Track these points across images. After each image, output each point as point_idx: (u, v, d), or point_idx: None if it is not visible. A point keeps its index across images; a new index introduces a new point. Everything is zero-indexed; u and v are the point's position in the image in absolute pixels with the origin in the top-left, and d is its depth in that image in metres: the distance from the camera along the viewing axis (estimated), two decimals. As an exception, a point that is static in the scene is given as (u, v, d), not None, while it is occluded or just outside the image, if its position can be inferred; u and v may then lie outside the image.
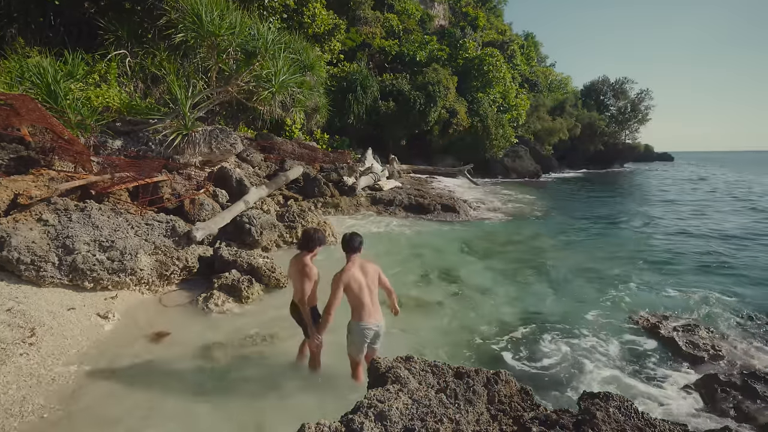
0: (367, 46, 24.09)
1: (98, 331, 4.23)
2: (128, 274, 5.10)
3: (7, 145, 6.27)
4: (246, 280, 5.41)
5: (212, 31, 8.86)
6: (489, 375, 2.85)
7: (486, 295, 6.26)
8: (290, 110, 11.70)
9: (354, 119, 20.47)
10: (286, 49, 10.40)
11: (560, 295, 6.47)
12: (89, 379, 3.58)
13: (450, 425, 2.35)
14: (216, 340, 4.37)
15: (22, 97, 6.24)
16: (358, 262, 3.54)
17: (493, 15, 42.74)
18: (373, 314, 3.46)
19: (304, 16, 16.30)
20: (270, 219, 7.61)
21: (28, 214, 5.21)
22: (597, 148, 44.58)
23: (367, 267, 3.55)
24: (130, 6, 10.85)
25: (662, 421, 2.47)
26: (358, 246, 3.54)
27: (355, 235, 3.58)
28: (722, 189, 24.66)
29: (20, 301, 4.20)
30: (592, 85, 48.63)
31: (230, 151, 9.56)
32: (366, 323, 3.43)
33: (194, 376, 3.78)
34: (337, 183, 12.41)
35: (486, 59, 27.27)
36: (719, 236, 11.14)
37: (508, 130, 26.45)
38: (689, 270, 7.98)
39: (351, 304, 3.45)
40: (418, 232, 10.13)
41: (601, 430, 2.39)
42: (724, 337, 5.09)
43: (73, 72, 8.56)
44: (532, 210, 15.09)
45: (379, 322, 3.51)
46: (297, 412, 3.32)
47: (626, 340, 5.04)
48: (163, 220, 6.01)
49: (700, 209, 16.22)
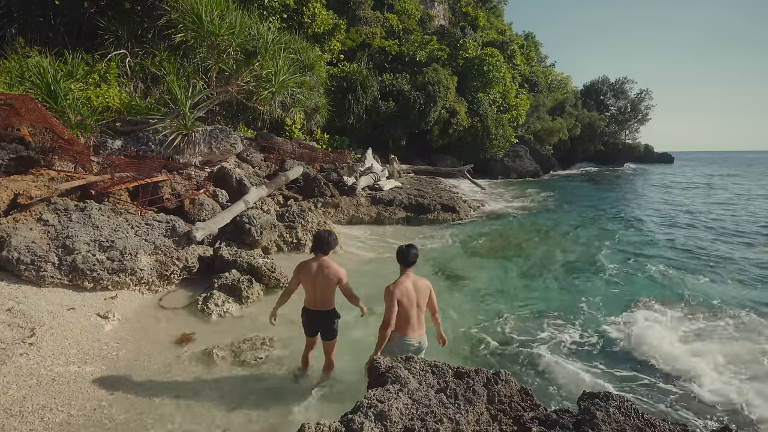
0: (367, 46, 24.06)
1: (98, 331, 4.23)
2: (128, 274, 5.10)
3: (7, 145, 6.27)
4: (246, 280, 5.41)
5: (212, 31, 8.85)
6: (489, 375, 2.85)
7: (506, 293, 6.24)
8: (290, 110, 11.69)
9: (354, 119, 20.46)
10: (286, 49, 10.40)
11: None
12: (89, 379, 3.57)
13: (450, 425, 2.35)
14: (216, 340, 4.37)
15: (22, 97, 6.24)
16: (412, 277, 3.46)
17: (493, 15, 42.72)
18: (417, 330, 3.43)
19: (304, 15, 16.29)
20: (270, 219, 7.61)
21: (28, 214, 5.21)
22: (597, 148, 44.63)
23: (419, 283, 3.46)
24: (130, 6, 10.84)
25: (662, 421, 2.47)
26: (413, 260, 3.47)
27: (410, 248, 3.48)
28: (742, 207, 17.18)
29: (20, 301, 4.20)
30: (592, 85, 48.69)
31: (230, 151, 9.56)
32: (409, 338, 3.40)
33: (194, 375, 3.78)
34: (337, 183, 12.40)
35: (486, 59, 27.27)
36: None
37: (508, 130, 26.45)
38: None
39: (398, 317, 3.35)
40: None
41: (601, 430, 2.39)
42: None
43: (73, 72, 8.56)
44: (531, 207, 15.14)
45: (421, 337, 3.47)
46: (300, 416, 3.33)
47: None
48: (163, 220, 6.01)
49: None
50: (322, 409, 3.40)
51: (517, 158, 30.14)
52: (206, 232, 6.27)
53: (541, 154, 33.70)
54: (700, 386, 4.12)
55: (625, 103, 46.85)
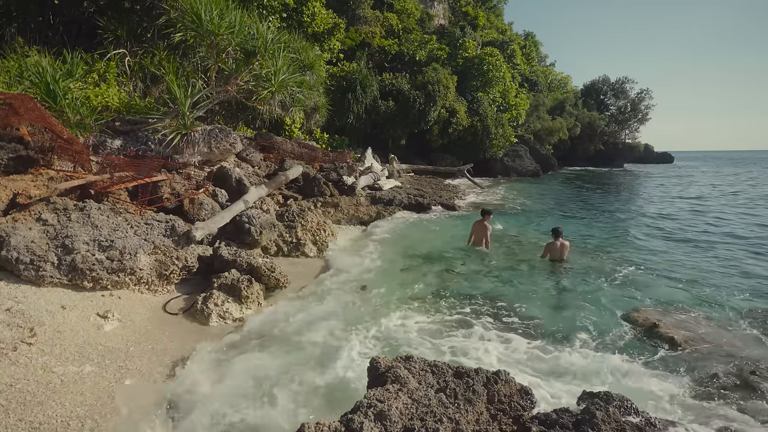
0: (367, 46, 24.05)
1: (98, 331, 4.22)
2: (128, 274, 5.09)
3: (6, 145, 6.26)
4: (245, 280, 5.40)
5: (211, 31, 8.85)
6: (489, 374, 2.85)
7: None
8: (290, 110, 11.68)
9: (353, 119, 20.45)
10: (285, 48, 10.39)
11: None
12: (89, 379, 3.57)
13: (450, 425, 2.35)
14: (215, 341, 4.37)
15: (21, 97, 6.23)
16: (560, 241, 7.59)
17: (493, 14, 42.73)
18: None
19: (304, 15, 16.29)
20: (269, 218, 7.60)
21: (27, 213, 5.21)
22: (597, 148, 44.66)
23: (564, 243, 7.66)
24: (129, 5, 10.83)
25: (662, 421, 2.47)
26: (560, 232, 7.66)
27: (558, 228, 7.75)
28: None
29: (19, 301, 4.20)
30: (592, 85, 48.72)
31: (230, 150, 9.55)
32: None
33: (194, 376, 3.78)
34: (336, 182, 12.40)
35: (486, 59, 27.27)
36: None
37: (508, 130, 26.46)
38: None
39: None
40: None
41: (600, 429, 2.39)
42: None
43: (72, 71, 8.55)
44: (530, 205, 15.16)
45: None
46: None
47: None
48: (162, 219, 6.00)
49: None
50: (323, 409, 3.40)
51: (517, 158, 30.17)
52: (206, 231, 6.26)
53: (541, 154, 33.74)
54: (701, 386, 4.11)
55: (625, 102, 46.86)
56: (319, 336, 4.54)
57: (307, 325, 4.78)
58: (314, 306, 5.37)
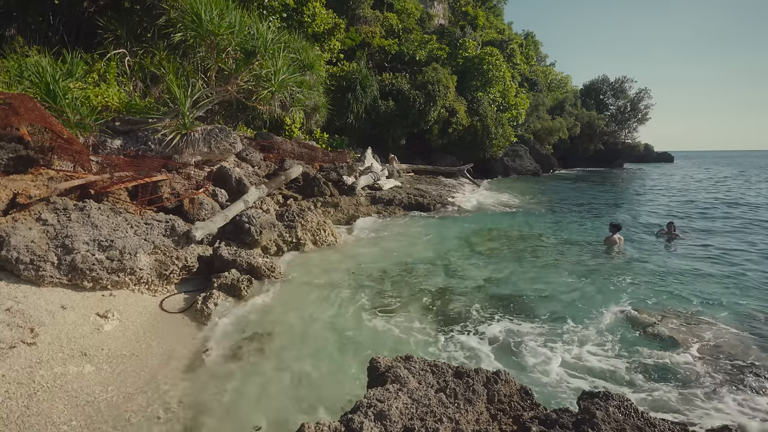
0: (367, 46, 24.03)
1: (98, 331, 4.22)
2: (127, 274, 5.10)
3: (6, 145, 6.26)
4: (245, 280, 5.41)
5: (211, 31, 8.84)
6: (489, 374, 2.85)
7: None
8: (290, 109, 11.67)
9: (353, 118, 20.43)
10: (285, 48, 10.38)
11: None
12: (89, 379, 3.57)
13: (450, 425, 2.35)
14: (214, 341, 4.36)
15: (21, 97, 6.23)
16: (617, 235, 8.87)
17: (492, 14, 42.70)
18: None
19: (304, 15, 16.28)
20: (269, 218, 7.60)
21: (27, 213, 5.21)
22: (597, 148, 44.63)
23: (620, 238, 8.92)
24: (129, 5, 10.82)
25: (662, 421, 2.47)
26: (618, 227, 9.02)
27: (616, 222, 9.20)
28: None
29: (19, 301, 4.20)
30: (591, 85, 48.69)
31: (229, 150, 9.55)
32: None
33: (194, 376, 3.78)
34: (336, 182, 12.40)
35: (486, 58, 27.24)
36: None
37: (508, 130, 26.43)
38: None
39: None
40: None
41: (601, 429, 2.39)
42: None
43: (72, 71, 8.54)
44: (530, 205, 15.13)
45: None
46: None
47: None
48: (162, 219, 6.01)
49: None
50: (323, 408, 3.40)
51: (517, 157, 30.16)
52: (206, 231, 6.27)
53: (541, 154, 33.74)
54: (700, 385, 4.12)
55: (625, 102, 46.85)
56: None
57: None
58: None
